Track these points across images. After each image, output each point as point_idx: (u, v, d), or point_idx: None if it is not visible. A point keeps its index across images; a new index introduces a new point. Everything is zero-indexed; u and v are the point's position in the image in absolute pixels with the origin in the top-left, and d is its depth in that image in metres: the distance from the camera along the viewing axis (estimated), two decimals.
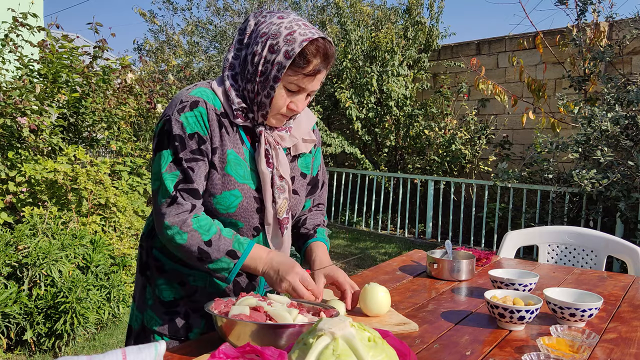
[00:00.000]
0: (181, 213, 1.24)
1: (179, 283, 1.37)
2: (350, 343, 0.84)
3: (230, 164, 1.29)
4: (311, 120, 1.45)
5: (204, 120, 1.26)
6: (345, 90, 7.71)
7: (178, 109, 1.26)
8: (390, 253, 6.09)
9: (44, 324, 3.05)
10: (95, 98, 4.72)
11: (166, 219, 1.24)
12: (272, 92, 1.25)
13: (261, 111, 1.29)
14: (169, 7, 12.84)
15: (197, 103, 1.27)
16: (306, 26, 1.25)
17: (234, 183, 1.29)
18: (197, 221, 1.25)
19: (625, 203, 4.48)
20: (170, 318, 1.37)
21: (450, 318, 1.40)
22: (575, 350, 1.12)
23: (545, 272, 1.95)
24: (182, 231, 1.23)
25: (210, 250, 1.24)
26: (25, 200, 3.77)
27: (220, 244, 1.24)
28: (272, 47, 1.22)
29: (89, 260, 3.41)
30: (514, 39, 7.17)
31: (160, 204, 1.25)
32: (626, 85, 5.18)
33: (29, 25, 4.59)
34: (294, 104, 1.28)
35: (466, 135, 7.08)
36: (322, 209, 1.60)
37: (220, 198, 1.28)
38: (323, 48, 1.23)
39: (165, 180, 1.25)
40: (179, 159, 1.25)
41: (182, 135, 1.25)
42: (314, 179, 1.52)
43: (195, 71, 10.60)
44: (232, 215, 1.30)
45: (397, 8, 8.43)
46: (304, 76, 1.24)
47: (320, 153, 1.55)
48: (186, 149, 1.25)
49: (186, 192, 1.25)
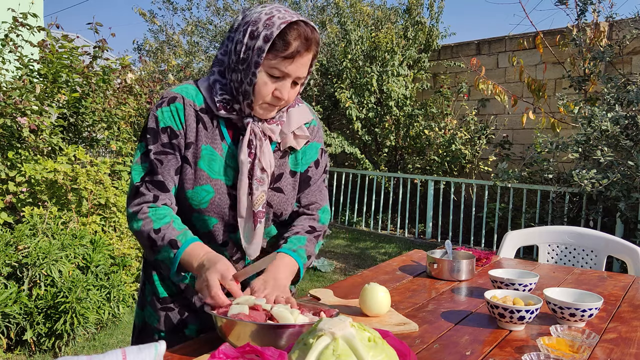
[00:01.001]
0: (142, 203, 1.27)
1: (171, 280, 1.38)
2: (350, 343, 0.84)
3: (204, 159, 1.29)
4: (306, 117, 1.39)
5: (180, 115, 1.29)
6: (345, 90, 7.71)
7: (157, 104, 1.32)
8: (390, 253, 6.09)
9: (44, 324, 3.05)
10: (95, 98, 4.72)
11: (129, 207, 1.28)
12: (254, 78, 1.23)
13: (246, 100, 1.27)
14: (169, 7, 12.86)
15: (175, 99, 1.30)
16: (287, 12, 1.24)
17: (206, 178, 1.29)
18: (154, 210, 1.26)
19: (625, 203, 4.48)
20: (166, 314, 1.38)
21: (450, 318, 1.40)
22: (575, 350, 1.12)
23: (545, 272, 1.95)
24: (138, 218, 1.26)
25: (157, 238, 1.23)
26: (25, 200, 3.77)
27: (166, 232, 1.23)
28: (252, 33, 1.23)
29: (89, 260, 3.41)
30: (514, 39, 7.17)
31: (128, 195, 1.31)
32: (626, 85, 5.18)
33: (29, 25, 4.59)
34: (279, 91, 1.25)
35: (466, 135, 7.08)
36: (314, 210, 1.43)
37: (192, 193, 1.29)
38: (304, 31, 1.22)
39: (133, 171, 1.30)
40: (148, 151, 1.28)
41: (155, 128, 1.29)
42: (302, 175, 1.41)
43: (195, 71, 10.60)
44: (204, 211, 1.30)
45: (397, 8, 8.44)
46: (283, 59, 1.21)
47: (317, 150, 1.44)
48: (157, 142, 1.28)
49: (151, 183, 1.27)
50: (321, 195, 1.45)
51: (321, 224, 1.42)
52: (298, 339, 0.90)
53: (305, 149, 1.42)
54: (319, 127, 1.46)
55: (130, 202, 1.29)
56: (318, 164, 1.44)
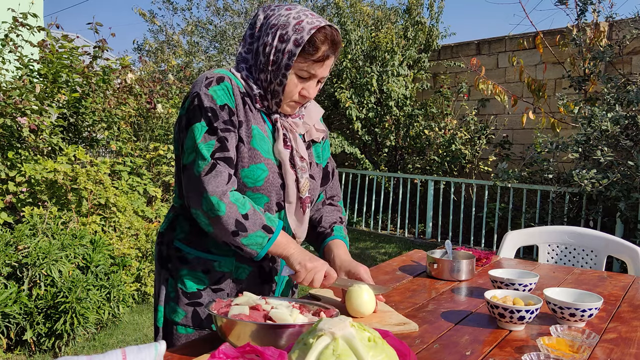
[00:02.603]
0: (220, 183, 1.26)
1: (203, 271, 1.38)
2: (350, 343, 0.84)
3: (256, 139, 1.33)
4: (319, 110, 1.51)
5: (231, 93, 1.32)
6: (345, 90, 7.71)
7: (205, 84, 1.31)
8: (390, 253, 6.09)
9: (44, 324, 3.05)
10: (95, 98, 4.72)
11: (207, 187, 1.25)
12: (285, 79, 1.30)
13: (275, 99, 1.34)
14: (168, 7, 12.85)
15: (223, 78, 1.32)
16: (313, 15, 1.31)
17: (260, 157, 1.33)
18: (233, 194, 1.28)
19: (625, 203, 4.48)
20: (194, 309, 1.38)
21: (450, 318, 1.40)
22: (575, 350, 1.12)
23: (545, 272, 1.95)
24: (221, 202, 1.25)
25: (247, 224, 1.26)
26: (25, 200, 3.77)
27: (256, 218, 1.27)
28: (282, 36, 1.29)
29: (89, 260, 3.41)
30: (514, 39, 7.17)
31: (198, 173, 1.26)
32: (626, 85, 5.18)
33: (29, 25, 4.59)
34: (306, 90, 1.34)
35: (466, 135, 7.08)
36: (337, 202, 1.61)
37: (247, 171, 1.32)
38: (330, 35, 1.30)
39: (201, 149, 1.27)
40: (213, 128, 1.28)
41: (213, 107, 1.29)
42: (324, 170, 1.56)
43: (195, 71, 10.60)
44: (259, 189, 1.33)
45: (397, 8, 8.44)
46: (314, 62, 1.30)
47: (329, 145, 1.60)
48: (219, 120, 1.29)
49: (223, 160, 1.28)
50: (338, 188, 1.64)
51: (344, 215, 1.62)
52: (298, 339, 0.90)
53: (324, 144, 1.56)
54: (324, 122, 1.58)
55: (207, 181, 1.25)
56: (330, 158, 1.61)
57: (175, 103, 5.69)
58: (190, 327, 1.37)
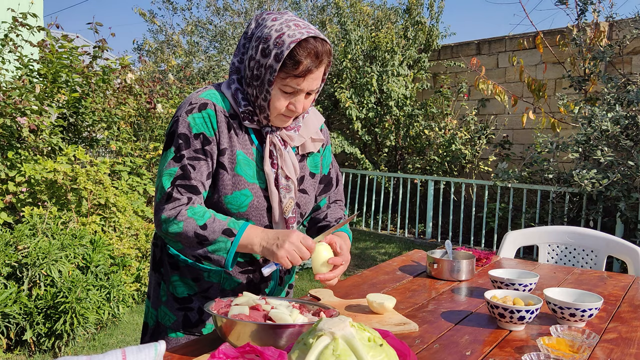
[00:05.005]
0: (177, 207, 1.26)
1: (193, 279, 1.38)
2: (350, 343, 0.84)
3: (240, 165, 1.31)
4: (319, 119, 1.47)
5: (212, 122, 1.29)
6: (345, 90, 7.71)
7: (187, 110, 1.30)
8: (390, 253, 6.09)
9: (43, 324, 3.05)
10: (95, 98, 4.72)
11: (162, 212, 1.26)
12: (268, 95, 1.27)
13: (263, 114, 1.31)
14: (168, 7, 12.84)
15: (206, 105, 1.30)
16: (297, 27, 1.24)
17: (244, 183, 1.31)
18: (191, 209, 1.26)
19: (625, 203, 4.48)
20: (185, 314, 1.38)
21: (450, 318, 1.40)
22: (575, 350, 1.12)
23: (545, 272, 1.95)
24: (177, 220, 1.25)
25: (207, 233, 1.24)
26: (25, 200, 3.77)
27: (215, 225, 1.25)
28: (264, 50, 1.25)
29: (89, 260, 3.41)
30: (514, 38, 7.17)
31: (157, 200, 1.29)
32: (626, 85, 5.18)
33: (29, 25, 4.59)
34: (293, 105, 1.29)
35: (466, 135, 7.08)
36: (340, 205, 1.60)
37: (231, 198, 1.31)
38: (314, 47, 1.23)
39: (163, 177, 1.28)
40: (180, 156, 1.27)
41: (187, 134, 1.28)
42: (326, 178, 1.54)
43: (195, 71, 10.60)
44: (243, 214, 1.32)
45: (397, 8, 8.43)
46: (295, 77, 1.24)
47: (330, 151, 1.57)
48: (190, 148, 1.28)
49: (183, 187, 1.27)
50: (342, 195, 1.63)
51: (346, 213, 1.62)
52: (298, 339, 0.90)
53: (324, 152, 1.52)
54: (326, 128, 1.54)
55: (162, 207, 1.27)
56: (333, 164, 1.58)
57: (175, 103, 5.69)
58: (181, 332, 1.38)
